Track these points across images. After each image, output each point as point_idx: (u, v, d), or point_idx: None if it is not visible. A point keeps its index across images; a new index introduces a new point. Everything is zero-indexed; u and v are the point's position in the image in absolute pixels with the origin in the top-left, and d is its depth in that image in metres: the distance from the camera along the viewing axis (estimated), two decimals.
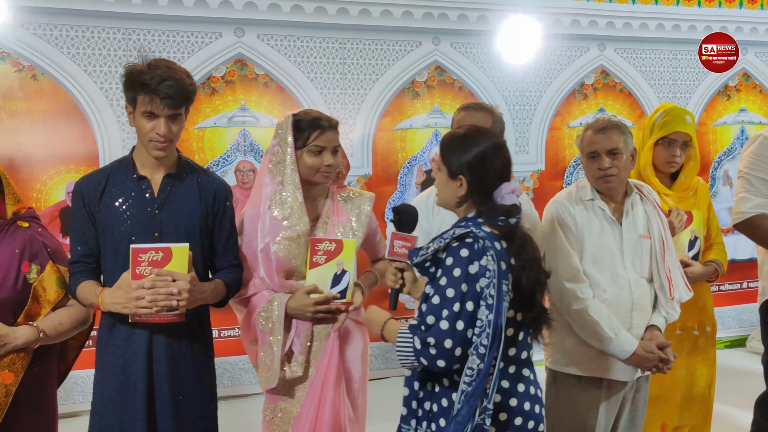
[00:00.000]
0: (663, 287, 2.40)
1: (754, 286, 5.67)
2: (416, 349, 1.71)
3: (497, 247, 1.72)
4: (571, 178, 5.26)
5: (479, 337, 1.67)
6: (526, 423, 1.79)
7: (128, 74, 2.04)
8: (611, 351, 2.32)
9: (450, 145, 1.86)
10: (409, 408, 1.82)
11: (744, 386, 4.27)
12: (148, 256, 1.94)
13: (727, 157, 5.73)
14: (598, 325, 2.30)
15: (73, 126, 4.18)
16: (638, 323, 2.37)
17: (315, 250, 2.19)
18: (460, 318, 1.69)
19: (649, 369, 2.35)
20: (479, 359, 1.66)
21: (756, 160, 2.64)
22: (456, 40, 4.94)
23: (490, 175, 1.80)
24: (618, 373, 2.38)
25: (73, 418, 3.93)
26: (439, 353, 1.68)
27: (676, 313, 2.44)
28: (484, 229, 1.75)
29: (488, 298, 1.68)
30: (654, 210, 2.48)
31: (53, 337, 2.10)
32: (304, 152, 2.23)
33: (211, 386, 2.23)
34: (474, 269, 1.71)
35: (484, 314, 1.68)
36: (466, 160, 1.80)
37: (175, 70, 2.03)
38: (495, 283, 1.68)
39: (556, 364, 2.48)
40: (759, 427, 2.75)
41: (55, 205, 4.17)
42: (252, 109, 4.55)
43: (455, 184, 1.83)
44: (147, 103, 2.00)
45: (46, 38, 4.08)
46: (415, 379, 1.82)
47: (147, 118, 2.02)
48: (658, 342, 2.34)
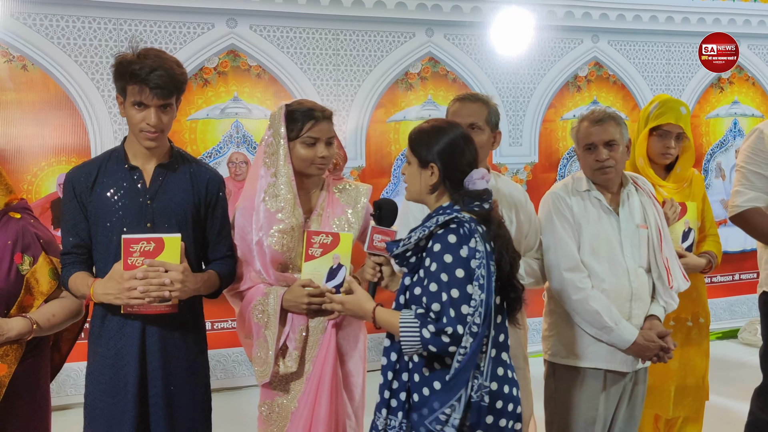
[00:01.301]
0: (661, 277, 2.40)
1: (746, 278, 5.70)
2: (425, 338, 1.73)
3: (480, 230, 1.78)
4: (564, 170, 5.27)
5: (472, 316, 1.72)
6: (506, 405, 1.82)
7: (118, 64, 2.01)
8: (611, 341, 2.32)
9: (418, 136, 1.91)
10: (381, 397, 1.88)
11: (736, 377, 4.31)
12: (140, 246, 1.92)
13: (720, 149, 5.74)
14: (598, 314, 2.30)
15: (64, 117, 4.15)
16: (637, 313, 2.37)
17: (311, 243, 2.17)
18: (464, 302, 1.73)
19: (649, 358, 2.36)
20: (472, 337, 1.72)
21: (752, 154, 2.68)
22: (449, 32, 4.92)
23: (461, 162, 1.86)
24: (618, 364, 2.38)
25: (65, 411, 3.91)
26: (453, 340, 1.72)
27: (674, 303, 2.45)
28: (465, 215, 1.80)
29: (480, 279, 1.73)
30: (650, 200, 2.48)
31: (46, 329, 2.09)
32: (297, 143, 2.21)
33: (205, 378, 2.21)
34: (465, 253, 1.75)
35: (477, 294, 1.73)
36: (437, 148, 1.86)
37: (164, 59, 2.01)
38: (485, 264, 1.74)
39: (555, 356, 2.48)
40: (755, 417, 2.76)
41: (46, 197, 4.15)
42: (245, 101, 4.52)
43: (426, 173, 1.88)
44: (137, 93, 1.98)
45: (36, 28, 4.04)
46: (390, 368, 1.87)
47: (137, 108, 2.00)
48: (658, 331, 2.34)
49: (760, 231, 2.68)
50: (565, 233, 2.39)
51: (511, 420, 1.83)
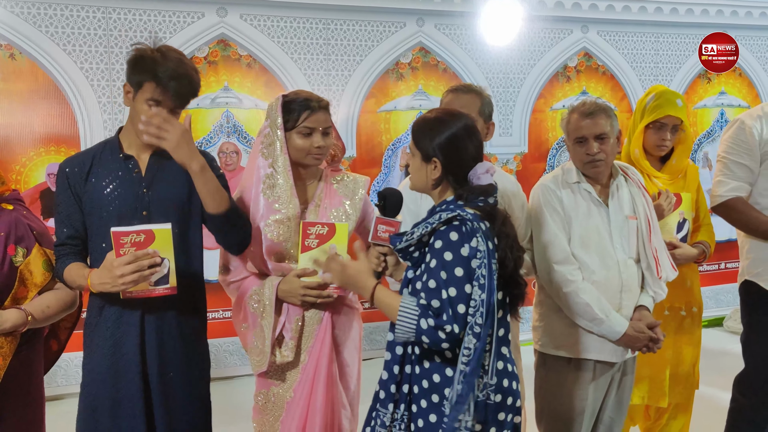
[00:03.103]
0: (650, 267, 2.42)
1: (731, 267, 5.78)
2: (421, 329, 1.71)
3: (482, 228, 1.74)
4: (554, 160, 5.30)
5: (473, 316, 1.70)
6: (505, 399, 1.81)
7: (138, 57, 2.00)
8: (602, 332, 2.34)
9: (422, 128, 1.86)
10: (387, 391, 1.84)
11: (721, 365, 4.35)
12: (130, 238, 1.91)
13: (707, 139, 5.80)
14: (589, 306, 2.32)
15: (53, 106, 4.12)
16: (627, 304, 2.39)
17: (307, 234, 2.17)
18: (461, 302, 1.71)
19: (639, 349, 2.38)
20: (475, 338, 1.70)
21: (733, 144, 2.72)
22: (440, 22, 4.92)
23: (464, 156, 1.81)
24: (608, 355, 2.40)
25: (57, 401, 3.91)
26: (449, 337, 1.70)
27: (663, 293, 2.47)
28: (468, 211, 1.76)
29: (480, 278, 1.71)
30: (639, 191, 2.49)
31: (41, 321, 2.08)
32: (293, 134, 2.21)
33: (204, 366, 2.22)
34: (465, 251, 1.72)
35: (477, 294, 1.71)
36: (438, 142, 1.81)
37: (186, 65, 2.02)
38: (486, 263, 1.71)
39: (545, 347, 2.50)
40: (737, 404, 2.82)
41: (35, 186, 4.12)
42: (235, 90, 4.51)
43: (429, 166, 1.83)
44: (155, 92, 1.97)
45: (24, 16, 4.00)
46: (395, 362, 1.84)
47: (150, 105, 2.00)
48: (648, 322, 2.36)
49: (741, 221, 2.73)
50: (556, 226, 2.40)
51: (510, 413, 1.82)
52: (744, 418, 2.79)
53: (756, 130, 2.67)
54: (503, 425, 1.81)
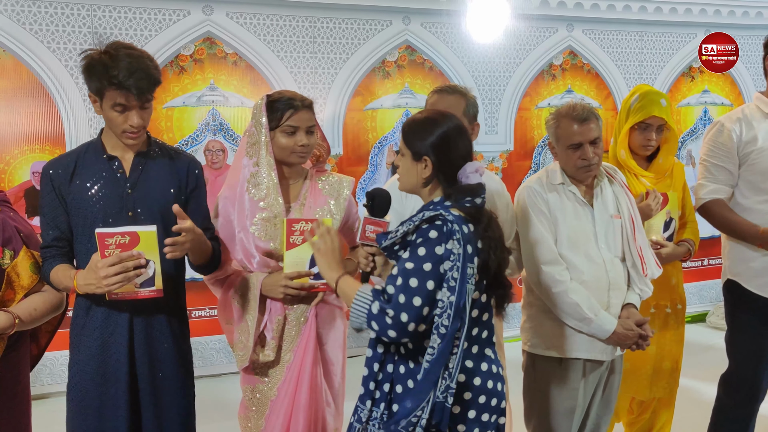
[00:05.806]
0: (636, 265, 2.45)
1: (714, 263, 5.84)
2: (371, 313, 1.73)
3: (464, 231, 1.75)
4: (539, 158, 5.33)
5: (440, 317, 1.71)
6: (489, 401, 1.83)
7: (90, 66, 1.97)
8: (592, 332, 2.36)
9: (412, 128, 1.88)
10: (366, 388, 1.86)
11: (704, 360, 4.43)
12: (115, 240, 1.90)
13: (690, 137, 5.85)
14: (578, 306, 2.34)
15: (37, 104, 4.09)
16: (615, 302, 2.42)
17: (291, 231, 2.17)
18: (417, 294, 1.71)
19: (628, 346, 2.39)
20: (440, 338, 1.71)
21: (713, 147, 2.77)
22: (426, 20, 4.93)
23: (456, 155, 1.83)
24: (597, 353, 2.43)
25: (42, 400, 3.90)
26: (394, 324, 1.71)
27: (649, 290, 2.50)
28: (452, 213, 1.77)
29: (450, 281, 1.71)
30: (622, 190, 2.51)
31: (28, 323, 2.07)
32: (277, 132, 2.23)
33: (189, 365, 2.24)
34: (440, 251, 1.73)
35: (445, 296, 1.71)
36: (430, 141, 1.82)
37: (138, 57, 1.97)
38: (459, 267, 1.71)
39: (535, 348, 2.52)
40: (721, 403, 2.86)
41: (19, 185, 4.10)
42: (221, 88, 4.50)
43: (420, 165, 1.85)
44: (117, 97, 1.96)
45: (8, 14, 3.97)
46: (376, 360, 1.85)
47: (118, 111, 1.98)
48: (636, 319, 2.39)
49: (720, 222, 2.77)
50: (543, 228, 2.42)
51: (494, 414, 1.84)
52: (728, 417, 2.83)
53: (735, 133, 2.71)
54: (487, 426, 1.82)
